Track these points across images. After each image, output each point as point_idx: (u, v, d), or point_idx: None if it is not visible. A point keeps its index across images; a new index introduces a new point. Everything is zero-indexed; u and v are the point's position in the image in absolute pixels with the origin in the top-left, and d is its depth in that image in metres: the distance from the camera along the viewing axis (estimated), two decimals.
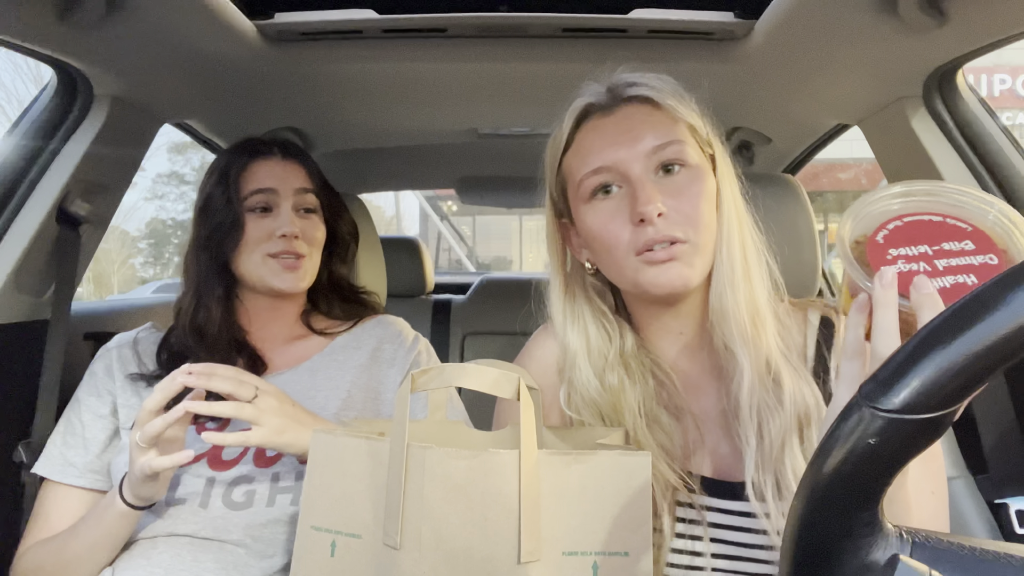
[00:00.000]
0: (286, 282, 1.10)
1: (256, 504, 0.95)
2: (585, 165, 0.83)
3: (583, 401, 0.86)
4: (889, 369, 0.38)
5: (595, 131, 0.84)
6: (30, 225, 1.19)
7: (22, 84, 9.73)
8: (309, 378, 1.10)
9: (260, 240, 1.09)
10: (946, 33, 1.05)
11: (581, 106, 0.86)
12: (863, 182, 12.80)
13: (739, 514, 0.80)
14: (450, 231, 11.95)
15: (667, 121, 0.83)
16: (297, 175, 1.15)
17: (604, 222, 0.82)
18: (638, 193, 0.79)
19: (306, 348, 1.16)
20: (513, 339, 2.19)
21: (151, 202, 18.85)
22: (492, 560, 0.62)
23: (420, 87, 1.45)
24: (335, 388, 1.09)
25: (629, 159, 0.81)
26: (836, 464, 0.38)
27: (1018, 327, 0.35)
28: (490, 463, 0.63)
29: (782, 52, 1.21)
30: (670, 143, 0.81)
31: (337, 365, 1.13)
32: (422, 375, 0.68)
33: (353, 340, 1.18)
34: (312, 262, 1.14)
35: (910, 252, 0.61)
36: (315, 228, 1.15)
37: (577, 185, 0.84)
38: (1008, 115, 10.80)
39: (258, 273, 1.10)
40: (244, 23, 1.14)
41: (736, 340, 0.81)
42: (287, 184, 1.12)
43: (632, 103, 0.84)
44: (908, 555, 0.39)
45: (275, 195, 1.11)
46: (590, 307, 0.90)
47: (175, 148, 19.57)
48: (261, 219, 1.10)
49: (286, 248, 1.09)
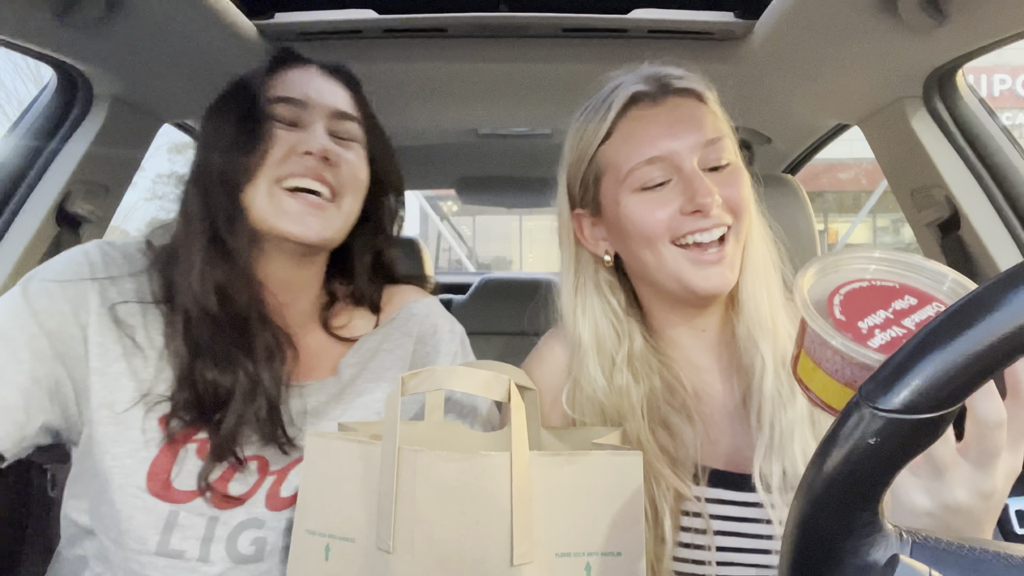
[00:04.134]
0: (302, 224, 0.79)
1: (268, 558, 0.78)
2: (637, 155, 0.81)
3: (587, 400, 0.85)
4: (889, 369, 0.38)
5: (644, 120, 0.82)
6: (30, 225, 1.19)
7: (22, 84, 9.71)
8: (337, 393, 0.87)
9: (275, 161, 0.79)
10: (946, 33, 1.05)
11: (627, 94, 0.83)
12: (863, 182, 12.81)
13: (749, 505, 0.81)
14: (450, 231, 11.92)
15: (712, 117, 0.83)
16: (335, 93, 0.86)
17: (650, 211, 0.81)
18: (695, 184, 0.78)
19: (327, 350, 0.90)
20: (513, 339, 2.20)
21: (151, 202, 18.82)
22: (485, 562, 0.62)
23: (420, 87, 1.45)
24: (364, 407, 0.87)
25: (683, 151, 0.80)
26: (836, 464, 0.38)
27: (1018, 327, 0.35)
28: (481, 465, 0.63)
29: (782, 52, 1.21)
30: (719, 139, 0.82)
31: (367, 376, 0.90)
32: (412, 378, 0.68)
33: (384, 340, 0.93)
34: (344, 211, 0.83)
35: (875, 320, 0.60)
36: (356, 162, 0.85)
37: (624, 175, 0.82)
38: (1008, 115, 10.80)
39: (266, 212, 0.79)
40: (244, 23, 1.14)
41: (760, 331, 0.83)
42: (323, 100, 0.84)
43: (680, 95, 0.83)
44: (908, 555, 0.39)
45: (304, 109, 0.83)
46: (601, 303, 0.88)
47: (175, 148, 19.53)
48: (283, 133, 0.81)
49: (311, 171, 0.80)
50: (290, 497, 0.79)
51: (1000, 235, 1.25)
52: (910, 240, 9.26)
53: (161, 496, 0.75)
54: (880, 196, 11.81)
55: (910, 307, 0.61)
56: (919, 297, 0.62)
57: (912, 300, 0.62)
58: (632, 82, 0.84)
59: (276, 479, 0.80)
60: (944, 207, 1.31)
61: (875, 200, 12.16)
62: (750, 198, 0.83)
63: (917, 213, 1.40)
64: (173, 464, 0.76)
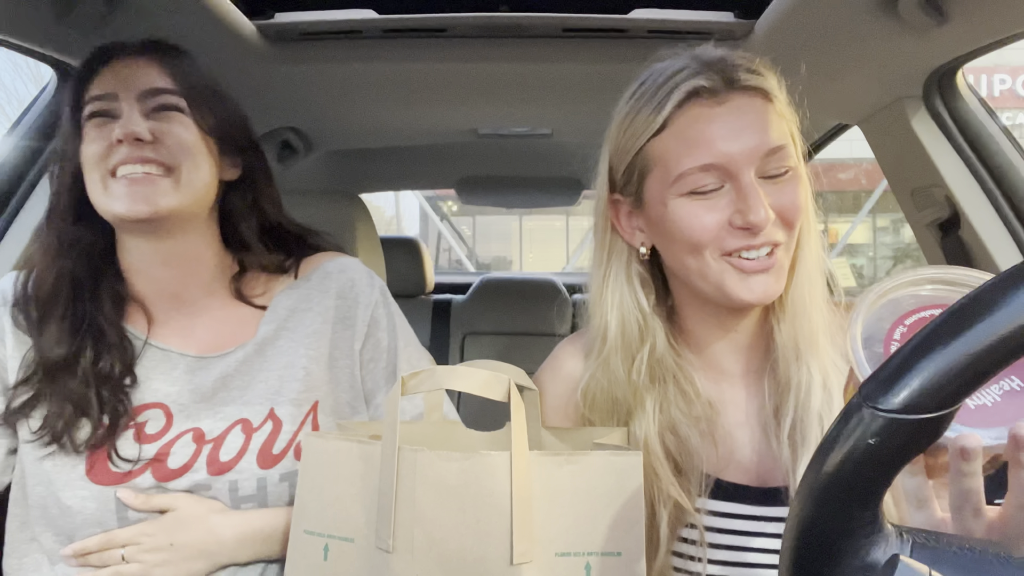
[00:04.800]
0: (131, 204, 0.80)
1: None
2: (691, 159, 0.75)
3: (601, 392, 0.84)
4: (889, 369, 0.38)
5: (704, 121, 0.75)
6: (30, 225, 1.19)
7: (22, 84, 9.72)
8: (258, 357, 0.89)
9: (100, 155, 0.82)
10: (946, 33, 1.05)
11: (689, 88, 0.75)
12: (863, 182, 12.81)
13: (765, 519, 0.80)
14: (450, 231, 11.93)
15: (777, 120, 0.78)
16: (148, 73, 0.85)
17: (698, 218, 0.76)
18: (749, 199, 0.74)
19: (244, 320, 0.92)
20: (513, 339, 2.19)
21: None
22: (485, 562, 0.62)
23: (420, 87, 1.45)
24: (289, 366, 0.89)
25: (741, 161, 0.74)
26: (836, 464, 0.38)
27: (1018, 327, 0.35)
28: (482, 464, 0.63)
29: (782, 52, 1.21)
30: (781, 147, 0.76)
31: (288, 335, 0.91)
32: (412, 378, 0.68)
33: (302, 300, 0.94)
34: (184, 180, 0.84)
35: None
36: (181, 131, 0.85)
37: (674, 177, 0.76)
38: (1008, 115, 10.80)
39: (103, 203, 0.82)
40: (244, 23, 1.14)
41: (808, 343, 0.79)
42: (131, 85, 0.84)
43: (746, 93, 0.77)
44: (908, 555, 0.39)
45: (116, 100, 0.84)
46: (630, 296, 0.84)
47: None
48: (103, 127, 0.83)
49: (129, 156, 0.81)
50: (231, 460, 0.84)
51: (1000, 235, 1.25)
52: (910, 240, 9.18)
53: (103, 482, 0.82)
54: (880, 196, 11.82)
55: None
56: None
57: None
58: (694, 71, 0.76)
59: (213, 446, 0.85)
60: (944, 207, 1.31)
61: (875, 200, 12.17)
62: (807, 207, 0.78)
63: (917, 213, 1.40)
64: (109, 451, 0.82)
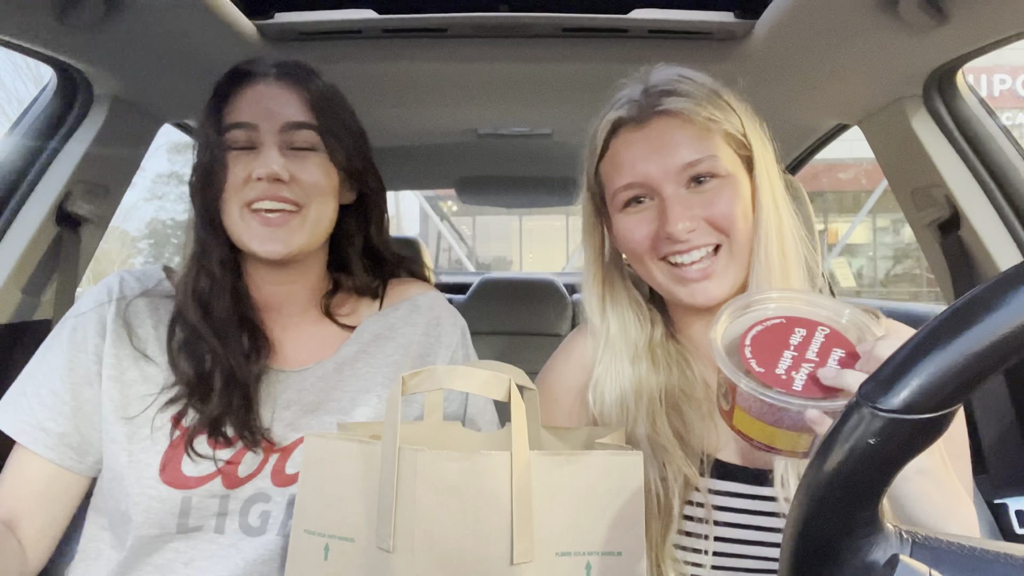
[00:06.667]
0: (266, 244, 0.85)
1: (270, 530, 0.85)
2: (619, 178, 0.84)
3: (610, 390, 0.87)
4: (889, 369, 0.38)
5: (626, 145, 0.84)
6: (30, 225, 1.19)
7: (22, 84, 9.71)
8: (335, 376, 0.92)
9: (238, 186, 0.85)
10: (946, 33, 1.05)
11: (612, 119, 0.85)
12: (863, 182, 12.81)
13: (759, 498, 0.82)
14: (450, 231, 11.94)
15: (700, 134, 0.82)
16: (288, 103, 0.88)
17: (633, 230, 0.84)
18: (668, 212, 0.80)
19: (328, 338, 0.95)
20: (513, 339, 2.19)
21: (151, 202, 18.77)
22: (485, 562, 0.62)
23: (420, 87, 1.45)
24: (364, 391, 0.91)
25: (660, 176, 0.81)
26: (836, 464, 0.38)
27: (1017, 327, 0.35)
28: (482, 464, 0.63)
29: (782, 52, 1.21)
30: (701, 160, 0.81)
31: (367, 360, 0.94)
32: (413, 377, 0.68)
33: (387, 328, 0.97)
34: (313, 218, 0.88)
35: (785, 363, 0.64)
36: (315, 170, 0.88)
37: (612, 195, 0.86)
38: (1008, 115, 10.81)
39: (238, 232, 0.86)
40: (244, 23, 1.14)
41: None
42: (273, 117, 0.87)
43: (664, 116, 0.83)
44: (908, 555, 0.39)
45: (256, 131, 0.86)
46: (627, 294, 0.92)
47: (175, 148, 19.54)
48: (241, 157, 0.86)
49: (266, 193, 0.85)
50: (295, 474, 0.85)
51: (1000, 235, 1.25)
52: (910, 240, 9.21)
53: (174, 484, 0.83)
54: (880, 196, 11.82)
55: (803, 339, 0.66)
56: (806, 326, 0.67)
57: (802, 331, 0.66)
58: (622, 103, 0.85)
59: (280, 456, 0.86)
60: (944, 207, 1.32)
61: (875, 200, 12.17)
62: (741, 212, 0.82)
63: (917, 213, 1.40)
64: (183, 455, 0.84)
